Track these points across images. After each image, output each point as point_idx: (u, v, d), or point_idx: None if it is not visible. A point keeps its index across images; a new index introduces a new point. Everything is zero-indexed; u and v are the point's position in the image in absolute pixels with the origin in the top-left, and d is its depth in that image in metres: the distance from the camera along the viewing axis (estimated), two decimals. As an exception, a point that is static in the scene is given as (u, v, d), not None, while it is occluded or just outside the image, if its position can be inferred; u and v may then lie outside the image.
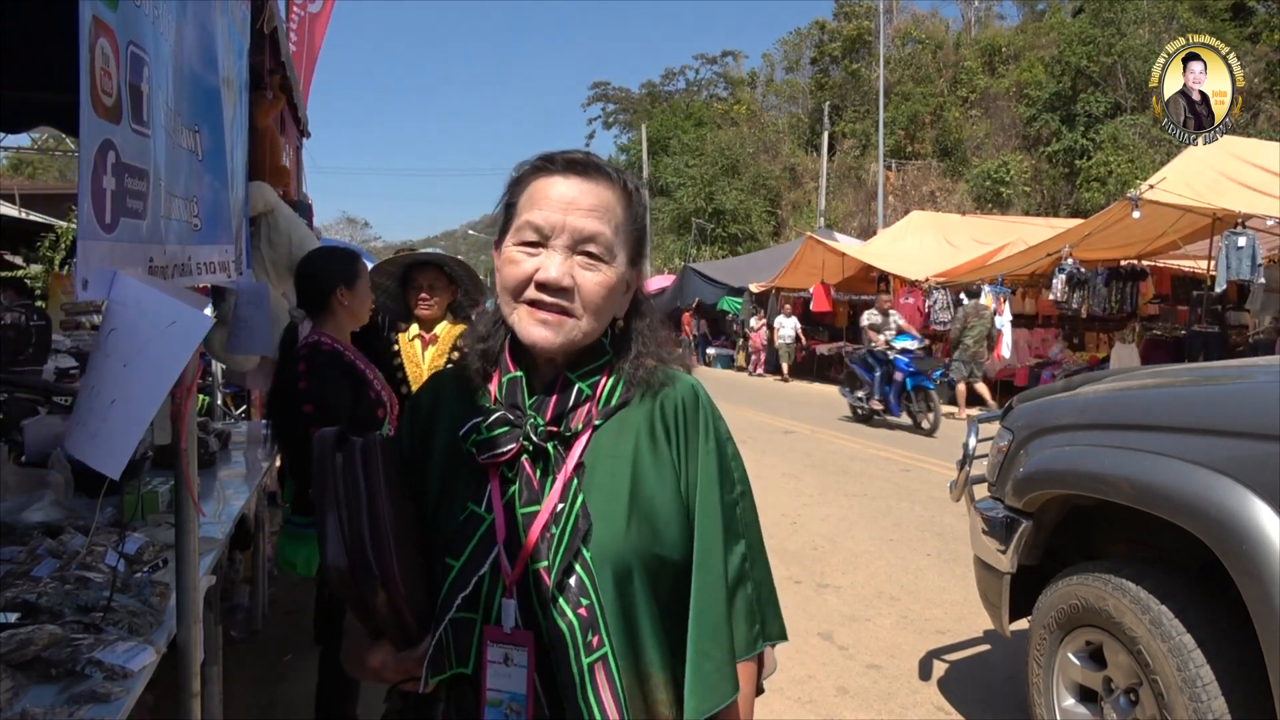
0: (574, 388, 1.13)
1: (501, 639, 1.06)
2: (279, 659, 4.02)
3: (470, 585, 1.07)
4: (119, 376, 1.18)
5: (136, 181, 1.34)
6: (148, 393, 1.20)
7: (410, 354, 3.54)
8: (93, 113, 1.15)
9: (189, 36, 1.75)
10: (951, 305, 14.67)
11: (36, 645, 1.65)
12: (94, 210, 1.17)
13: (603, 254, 1.09)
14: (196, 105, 1.85)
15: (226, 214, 2.23)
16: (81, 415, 1.20)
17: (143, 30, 1.37)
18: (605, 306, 1.12)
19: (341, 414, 2.74)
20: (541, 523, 1.08)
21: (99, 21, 1.17)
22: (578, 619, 1.04)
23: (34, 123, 4.48)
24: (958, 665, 4.09)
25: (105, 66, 1.20)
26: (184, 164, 1.70)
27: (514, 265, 1.10)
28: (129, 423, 1.18)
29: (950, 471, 4.35)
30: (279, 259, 3.98)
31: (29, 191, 14.99)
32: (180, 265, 1.67)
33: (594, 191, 1.10)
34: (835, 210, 34.51)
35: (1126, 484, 2.62)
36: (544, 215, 1.09)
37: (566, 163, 1.12)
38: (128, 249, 1.31)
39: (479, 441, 1.10)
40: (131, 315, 1.21)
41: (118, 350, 1.19)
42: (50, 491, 2.61)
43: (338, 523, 1.04)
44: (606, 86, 52.55)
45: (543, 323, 1.08)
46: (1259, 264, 9.86)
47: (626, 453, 1.12)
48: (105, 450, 1.17)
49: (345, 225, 59.67)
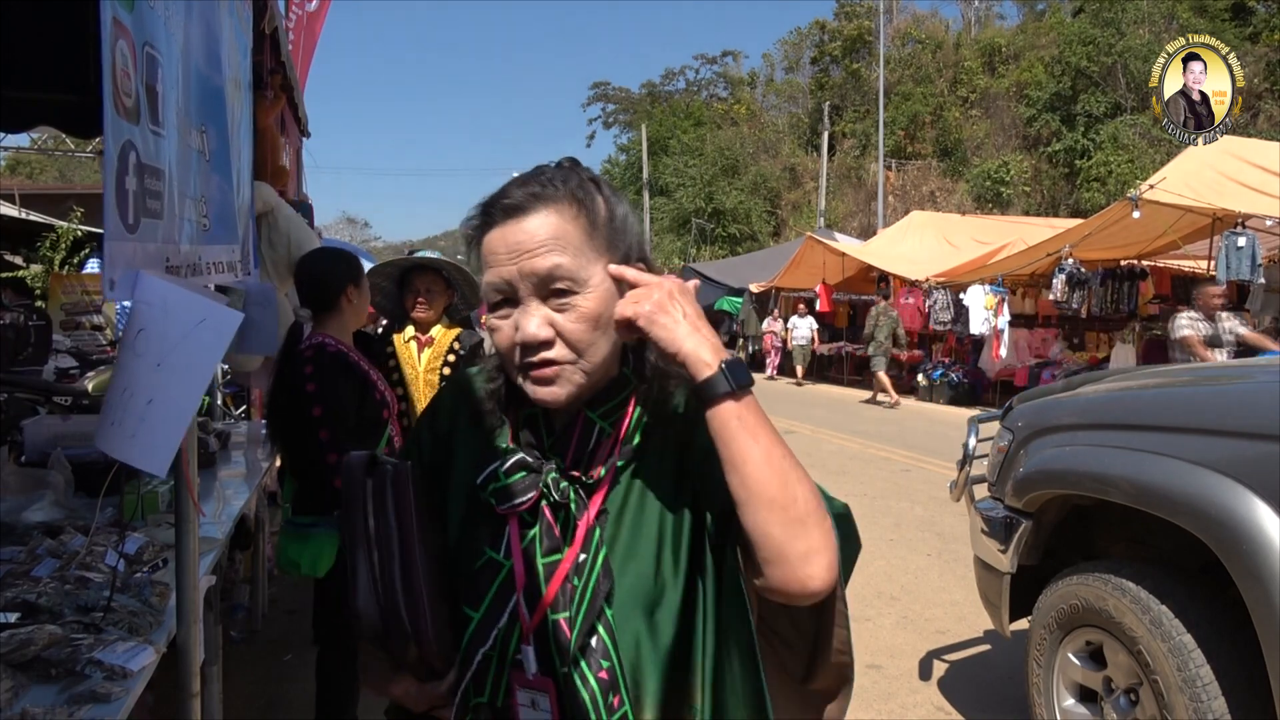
0: (595, 428, 1.08)
1: (526, 684, 1.04)
2: (279, 659, 4.02)
3: (490, 639, 1.05)
4: (153, 376, 1.19)
5: (155, 182, 1.35)
6: (184, 391, 1.21)
7: (406, 356, 3.55)
8: (115, 114, 1.16)
9: (195, 36, 1.75)
10: (952, 305, 14.69)
11: (36, 645, 1.65)
12: (118, 211, 1.18)
13: (571, 285, 1.01)
14: (204, 105, 1.85)
15: (233, 214, 2.23)
16: (117, 416, 1.20)
17: (156, 30, 1.37)
18: (598, 339, 1.04)
19: (349, 415, 2.75)
20: (563, 574, 1.03)
21: (118, 23, 1.17)
22: (598, 683, 1.01)
23: (34, 123, 4.48)
24: (958, 665, 4.09)
25: (125, 68, 1.20)
26: (193, 164, 1.71)
27: (497, 334, 1.05)
28: (169, 421, 1.19)
29: (950, 471, 4.36)
30: (279, 259, 3.99)
31: (29, 191, 14.99)
32: (192, 265, 1.67)
33: (538, 224, 1.01)
34: (835, 210, 34.51)
35: (1126, 484, 2.62)
36: (498, 273, 1.03)
37: (503, 210, 1.04)
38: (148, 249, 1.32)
39: (498, 490, 1.06)
40: (159, 315, 1.21)
41: (149, 350, 1.20)
42: (50, 491, 2.61)
43: (368, 564, 1.02)
44: (606, 86, 52.55)
45: (543, 382, 1.03)
46: (1259, 264, 9.85)
47: (649, 494, 1.08)
48: (147, 449, 1.18)
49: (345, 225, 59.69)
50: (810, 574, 0.95)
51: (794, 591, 0.96)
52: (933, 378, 15.36)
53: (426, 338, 3.56)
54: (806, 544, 0.95)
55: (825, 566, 0.95)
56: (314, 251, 3.24)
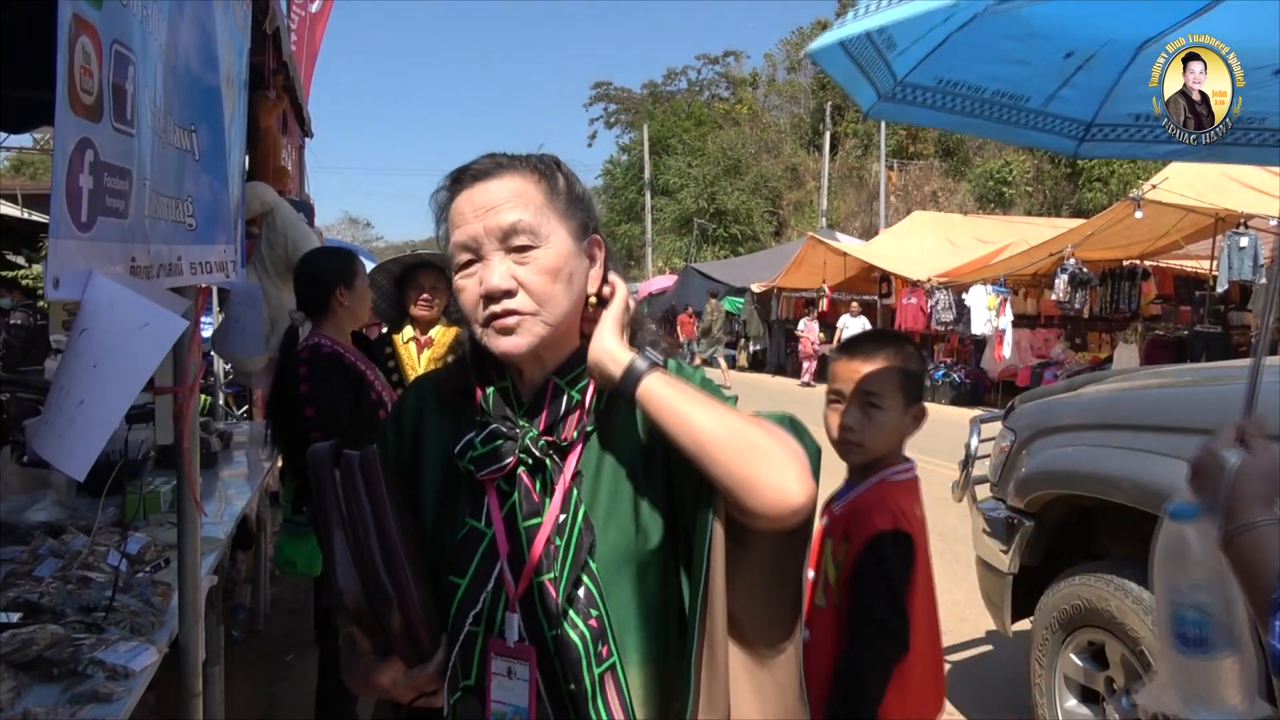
0: (564, 395, 1.12)
1: (505, 652, 1.06)
2: (280, 659, 4.02)
3: (479, 602, 1.07)
4: (88, 377, 1.16)
5: (118, 180, 1.33)
6: (116, 394, 1.18)
7: (405, 357, 3.54)
8: (69, 111, 1.14)
9: (186, 36, 1.74)
10: (954, 306, 14.68)
11: (39, 645, 1.65)
12: (68, 208, 1.16)
13: (530, 240, 1.06)
14: (194, 105, 1.84)
15: (226, 214, 2.22)
16: (50, 415, 1.18)
17: (129, 30, 1.36)
18: (558, 291, 1.08)
19: (343, 416, 2.74)
20: (545, 535, 1.07)
21: (80, 19, 1.16)
22: (589, 630, 1.04)
23: (37, 123, 4.48)
24: (959, 665, 4.09)
25: (85, 65, 1.19)
26: (174, 163, 1.70)
27: (463, 293, 1.09)
28: (96, 424, 1.16)
29: (952, 471, 4.35)
30: (278, 259, 3.99)
31: (31, 192, 15.01)
32: (167, 265, 1.65)
33: (499, 186, 1.08)
34: (837, 210, 34.49)
35: (1129, 484, 2.61)
36: (465, 231, 1.08)
37: (470, 175, 1.10)
38: (106, 248, 1.29)
39: (476, 458, 1.09)
40: (104, 315, 1.18)
41: (88, 350, 1.17)
42: (52, 491, 2.61)
43: (345, 543, 1.03)
44: (608, 86, 52.50)
45: (504, 332, 1.06)
46: (1261, 264, 9.84)
47: (621, 456, 1.12)
48: (71, 451, 1.15)
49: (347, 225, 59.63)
50: (788, 488, 0.99)
51: (782, 511, 0.99)
52: (935, 378, 15.34)
53: (426, 338, 3.55)
54: (770, 465, 0.99)
55: (797, 476, 1.00)
56: (309, 253, 3.24)
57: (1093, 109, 2.06)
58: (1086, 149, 2.16)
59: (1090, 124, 2.10)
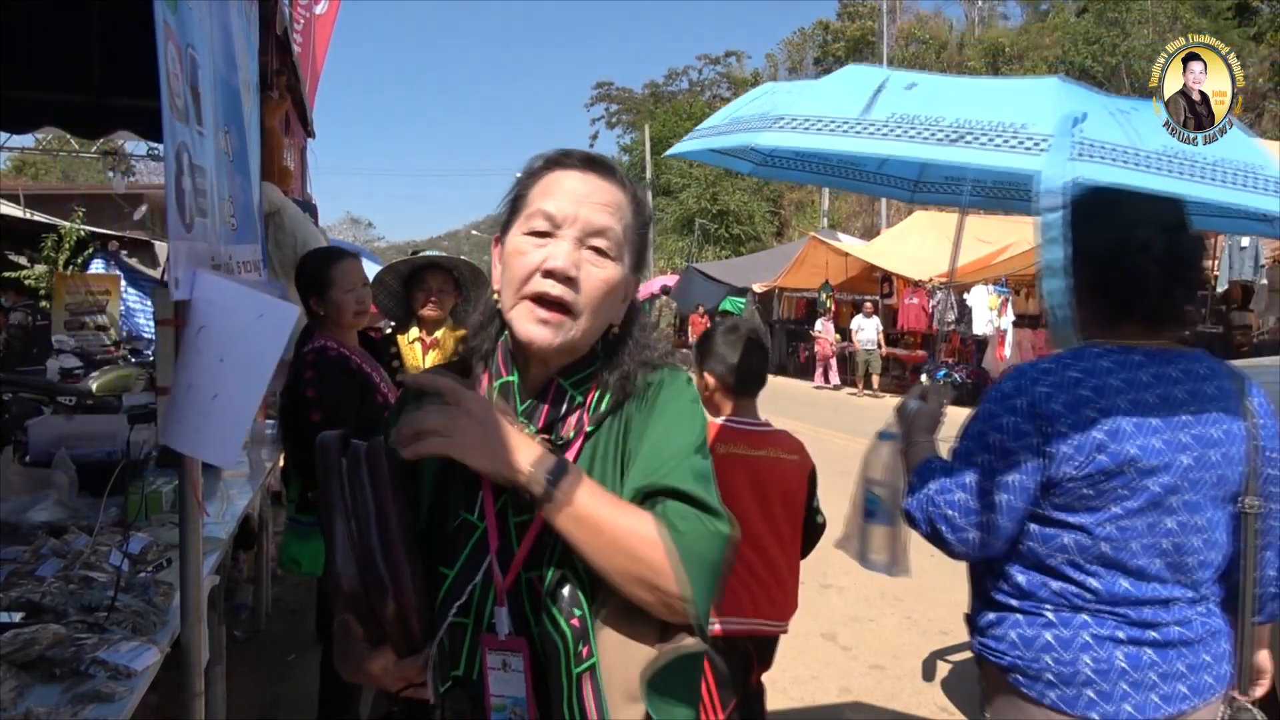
0: (566, 396, 1.13)
1: (498, 645, 1.06)
2: (282, 658, 4.02)
3: (465, 594, 1.07)
4: (216, 371, 1.20)
5: (202, 181, 1.36)
6: (248, 384, 1.23)
7: (410, 357, 3.54)
8: (171, 115, 1.17)
9: (217, 39, 1.75)
10: (955, 305, 14.68)
11: (40, 645, 1.65)
12: (179, 210, 1.19)
13: (610, 250, 1.10)
14: (227, 107, 1.85)
15: (253, 214, 2.24)
16: (182, 412, 1.22)
17: (195, 32, 1.37)
18: (605, 306, 1.11)
19: (348, 420, 2.74)
20: (535, 532, 1.08)
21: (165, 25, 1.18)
22: (570, 629, 1.04)
23: (39, 123, 4.49)
24: (961, 666, 4.08)
25: (174, 69, 1.20)
26: (224, 165, 1.71)
27: (521, 256, 1.09)
28: (233, 414, 1.21)
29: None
30: (285, 259, 4.00)
31: (33, 192, 15.03)
32: (227, 265, 1.67)
33: (607, 189, 1.12)
34: (838, 210, 34.48)
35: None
36: (557, 204, 1.09)
37: (584, 159, 1.14)
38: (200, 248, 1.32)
39: None
40: (218, 312, 1.22)
41: (210, 347, 1.21)
42: (54, 491, 2.61)
43: (347, 531, 1.04)
44: (609, 87, 52.53)
45: (542, 322, 1.07)
46: (1262, 265, 9.84)
47: (616, 459, 1.13)
48: (212, 443, 1.20)
49: (349, 225, 59.76)
50: (676, 614, 1.04)
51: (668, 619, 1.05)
52: (936, 378, 15.32)
53: (431, 339, 3.55)
54: (661, 597, 1.02)
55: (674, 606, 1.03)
56: (302, 258, 3.21)
57: (914, 173, 2.64)
58: (919, 197, 2.74)
59: (916, 181, 2.67)
